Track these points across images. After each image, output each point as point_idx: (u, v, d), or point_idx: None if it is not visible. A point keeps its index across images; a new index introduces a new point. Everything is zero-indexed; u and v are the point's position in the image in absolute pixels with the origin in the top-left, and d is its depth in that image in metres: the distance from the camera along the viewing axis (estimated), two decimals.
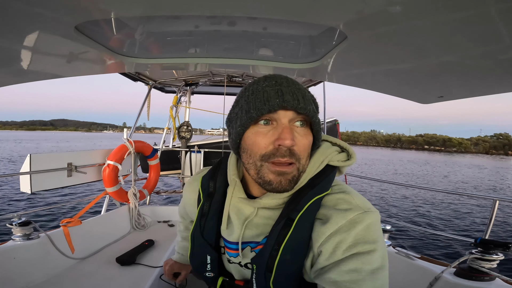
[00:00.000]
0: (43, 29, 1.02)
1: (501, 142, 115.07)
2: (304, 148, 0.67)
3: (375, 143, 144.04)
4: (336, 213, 0.65)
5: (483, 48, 0.97)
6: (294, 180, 0.67)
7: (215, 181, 0.84)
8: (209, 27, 1.22)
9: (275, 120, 0.66)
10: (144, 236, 2.45)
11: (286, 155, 0.64)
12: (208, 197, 0.83)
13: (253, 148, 0.67)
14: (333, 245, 0.63)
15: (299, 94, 0.65)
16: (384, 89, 1.83)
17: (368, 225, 0.63)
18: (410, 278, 1.61)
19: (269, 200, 0.71)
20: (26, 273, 1.64)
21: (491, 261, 1.42)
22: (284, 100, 0.63)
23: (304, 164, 0.68)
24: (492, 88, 1.46)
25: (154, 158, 3.13)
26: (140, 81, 3.33)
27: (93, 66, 1.59)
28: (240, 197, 0.76)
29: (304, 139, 0.67)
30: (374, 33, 0.97)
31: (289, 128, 0.64)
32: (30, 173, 2.04)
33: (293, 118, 0.65)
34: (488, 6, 0.70)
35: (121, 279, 1.76)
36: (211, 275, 0.84)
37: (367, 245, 0.62)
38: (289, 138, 0.62)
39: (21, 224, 1.72)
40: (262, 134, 0.66)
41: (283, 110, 0.64)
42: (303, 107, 0.64)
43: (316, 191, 0.68)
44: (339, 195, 0.69)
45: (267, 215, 0.73)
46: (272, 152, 0.65)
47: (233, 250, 0.79)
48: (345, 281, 0.59)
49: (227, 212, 0.78)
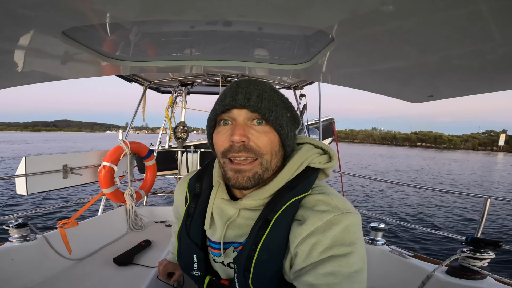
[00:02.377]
0: (34, 33, 1.02)
1: (490, 139, 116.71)
2: (263, 144, 0.68)
3: (372, 141, 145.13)
4: (313, 214, 0.65)
5: (471, 48, 0.98)
6: (256, 177, 0.69)
7: (201, 182, 0.87)
8: (203, 29, 1.23)
9: (233, 119, 0.69)
10: (141, 237, 2.46)
11: (241, 150, 0.67)
12: (194, 198, 0.86)
13: (216, 146, 0.73)
14: (308, 247, 0.63)
15: (252, 93, 0.68)
16: (375, 89, 1.84)
17: (346, 226, 0.63)
18: (403, 277, 1.63)
19: (249, 201, 0.73)
20: (23, 274, 1.65)
21: (482, 260, 1.43)
22: (235, 99, 0.67)
23: (269, 160, 0.70)
24: (481, 87, 1.47)
25: (150, 158, 3.14)
26: (135, 82, 3.33)
27: (87, 70, 1.59)
28: (223, 198, 0.78)
29: (262, 135, 0.68)
30: (361, 34, 0.98)
31: (241, 125, 0.67)
32: (25, 175, 2.05)
33: (248, 117, 0.68)
34: (475, 5, 0.71)
35: (118, 280, 1.77)
36: (198, 274, 0.86)
37: (344, 248, 0.61)
38: (238, 134, 0.65)
39: (17, 225, 1.73)
40: (221, 133, 0.71)
41: (236, 109, 0.68)
42: (253, 104, 0.67)
43: (294, 192, 0.69)
44: (318, 196, 0.70)
45: (249, 216, 0.75)
46: (227, 148, 0.68)
47: (216, 249, 0.81)
48: (321, 284, 0.59)
49: (210, 212, 0.80)
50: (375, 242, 1.91)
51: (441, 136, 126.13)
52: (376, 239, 1.92)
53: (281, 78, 3.45)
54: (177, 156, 4.10)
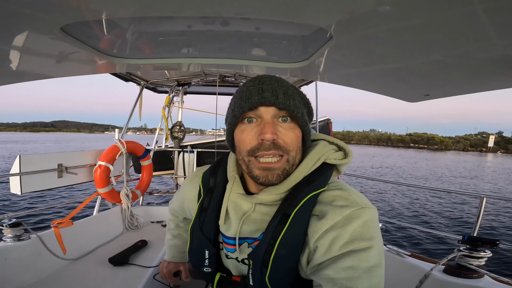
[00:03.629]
0: (30, 30, 1.01)
1: (481, 140, 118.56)
2: (290, 140, 0.69)
3: (368, 142, 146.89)
4: (332, 209, 0.66)
5: (467, 47, 1.00)
6: (284, 173, 0.69)
7: (215, 177, 0.86)
8: (200, 27, 1.23)
9: (259, 117, 0.70)
10: (137, 237, 2.44)
11: (270, 148, 0.67)
12: (208, 192, 0.86)
13: (240, 144, 0.72)
14: (329, 241, 0.63)
15: (279, 91, 0.68)
16: (371, 88, 1.85)
17: (365, 221, 0.64)
18: (400, 276, 1.63)
19: (266, 196, 0.73)
20: (17, 274, 1.63)
21: (479, 258, 1.44)
22: (263, 97, 0.67)
23: (295, 156, 0.71)
24: (477, 86, 1.48)
25: (146, 158, 3.12)
26: (132, 81, 3.31)
27: (83, 67, 1.57)
28: (238, 193, 0.78)
29: (289, 132, 0.69)
30: (360, 33, 0.98)
31: (270, 123, 0.68)
32: (20, 174, 2.02)
33: (275, 114, 0.69)
34: (470, 6, 0.72)
35: (114, 280, 1.75)
36: (209, 270, 0.86)
37: (364, 242, 0.62)
38: (269, 132, 0.65)
39: (11, 225, 1.71)
40: (247, 131, 0.70)
41: (263, 106, 0.68)
42: (282, 102, 0.67)
43: (312, 187, 0.69)
44: (336, 191, 0.70)
45: (265, 211, 0.75)
46: (256, 147, 0.68)
47: (231, 245, 0.81)
48: (341, 278, 0.60)
49: (225, 207, 0.80)
50: None
51: (434, 137, 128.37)
52: None
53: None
54: (174, 156, 4.08)
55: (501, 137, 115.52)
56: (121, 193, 2.72)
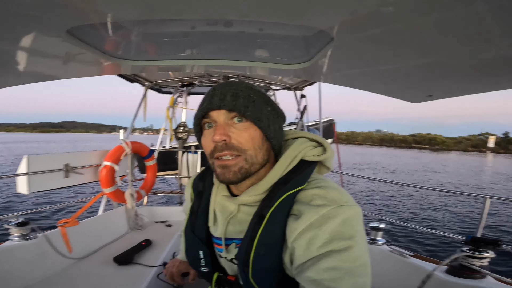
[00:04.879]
0: (37, 32, 1.03)
1: (483, 141, 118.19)
2: (245, 140, 0.69)
3: (371, 142, 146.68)
4: (309, 208, 0.65)
5: (470, 48, 1.00)
6: (242, 171, 0.70)
7: (204, 181, 0.91)
8: (204, 29, 1.24)
9: (214, 121, 0.72)
10: (142, 236, 2.46)
11: (223, 149, 0.69)
12: (198, 195, 0.90)
13: (204, 149, 0.76)
14: (306, 241, 0.62)
15: (227, 93, 0.70)
16: (374, 89, 1.85)
17: (344, 220, 0.62)
18: (403, 276, 1.62)
19: (246, 197, 0.75)
20: (23, 273, 1.65)
21: (481, 259, 1.43)
22: (211, 102, 0.70)
23: (254, 155, 0.71)
24: (481, 87, 1.48)
25: (151, 158, 3.15)
26: (136, 82, 3.34)
27: (89, 68, 1.60)
28: (223, 195, 0.81)
29: (242, 132, 0.70)
30: (361, 35, 0.99)
31: (222, 125, 0.70)
32: (27, 174, 2.05)
33: (227, 116, 0.70)
34: (473, 6, 0.72)
35: (118, 279, 1.77)
36: (206, 270, 0.87)
37: (343, 242, 0.60)
38: (218, 134, 0.68)
39: (18, 224, 1.73)
40: (206, 136, 0.74)
41: (214, 111, 0.71)
42: (228, 104, 0.69)
43: (288, 187, 0.69)
44: (315, 190, 0.69)
45: (248, 211, 0.76)
46: (212, 149, 0.71)
47: (220, 245, 0.83)
48: (323, 279, 0.58)
49: (212, 209, 0.83)
50: (375, 242, 1.91)
51: (435, 138, 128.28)
52: (376, 239, 1.92)
53: (282, 79, 3.45)
54: (178, 157, 4.10)
55: (503, 138, 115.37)
56: (126, 193, 2.74)
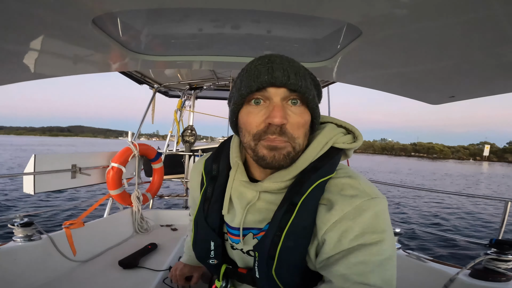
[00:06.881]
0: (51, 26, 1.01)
1: (480, 150, 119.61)
2: (297, 126, 0.64)
3: (372, 151, 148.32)
4: (341, 198, 0.62)
5: (495, 49, 0.98)
6: (290, 156, 0.64)
7: (218, 163, 0.81)
8: (215, 24, 1.21)
9: (267, 99, 0.64)
10: (147, 240, 2.41)
11: (276, 132, 0.62)
12: (211, 180, 0.81)
13: (246, 127, 0.66)
14: (338, 234, 0.60)
15: (291, 71, 0.62)
16: (393, 90, 1.82)
17: (376, 213, 0.60)
18: (422, 281, 1.57)
19: (271, 183, 0.68)
20: (26, 275, 1.60)
21: (507, 262, 1.40)
22: (274, 76, 0.61)
23: (301, 143, 0.66)
24: (503, 87, 1.45)
25: (158, 161, 3.12)
26: (145, 84, 3.34)
27: (99, 63, 1.57)
28: (242, 180, 0.73)
29: (298, 117, 0.64)
30: (389, 32, 0.95)
31: (280, 106, 0.62)
32: (34, 173, 2.02)
33: (285, 97, 0.63)
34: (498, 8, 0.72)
35: (123, 283, 1.72)
36: (214, 262, 0.82)
37: (375, 235, 0.59)
38: (279, 116, 0.60)
39: (23, 224, 1.69)
40: (254, 113, 0.64)
41: (273, 87, 0.62)
42: (294, 83, 0.61)
43: (319, 174, 0.65)
44: (345, 179, 0.66)
45: (270, 199, 0.70)
46: (262, 129, 0.63)
47: (235, 236, 0.76)
48: (352, 273, 0.57)
49: (228, 196, 0.76)
50: None
51: (433, 147, 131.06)
52: None
53: None
54: (184, 160, 4.07)
55: (499, 147, 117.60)
56: (132, 195, 2.71)
